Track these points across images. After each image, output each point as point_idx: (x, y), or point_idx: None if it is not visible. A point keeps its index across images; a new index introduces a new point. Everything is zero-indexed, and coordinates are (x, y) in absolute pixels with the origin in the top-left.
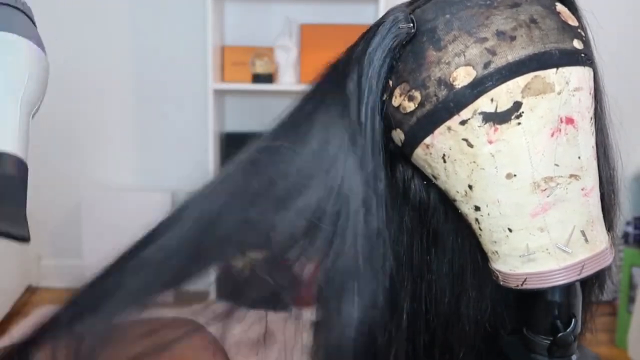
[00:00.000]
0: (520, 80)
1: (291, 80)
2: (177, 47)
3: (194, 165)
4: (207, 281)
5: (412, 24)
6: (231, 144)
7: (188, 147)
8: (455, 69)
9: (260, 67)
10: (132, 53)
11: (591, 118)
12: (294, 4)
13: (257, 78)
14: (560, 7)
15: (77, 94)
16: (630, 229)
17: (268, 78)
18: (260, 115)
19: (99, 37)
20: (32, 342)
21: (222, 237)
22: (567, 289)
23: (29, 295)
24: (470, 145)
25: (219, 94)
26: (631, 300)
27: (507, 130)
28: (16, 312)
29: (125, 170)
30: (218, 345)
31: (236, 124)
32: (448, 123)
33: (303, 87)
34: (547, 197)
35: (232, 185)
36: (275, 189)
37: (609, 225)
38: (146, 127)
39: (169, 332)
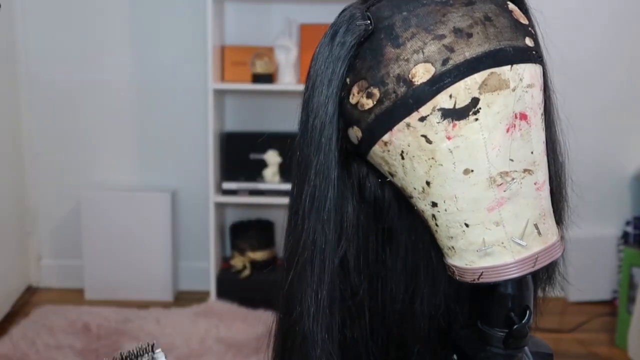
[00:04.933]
0: (478, 77)
1: (291, 80)
2: (177, 47)
3: (194, 165)
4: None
5: (369, 21)
6: (231, 143)
7: (188, 147)
8: (414, 65)
9: (260, 67)
10: (132, 53)
11: (542, 114)
12: (294, 4)
13: (257, 78)
14: (511, 5)
15: (76, 93)
16: (630, 229)
17: (268, 78)
18: (260, 115)
19: (98, 37)
20: None
21: None
22: (520, 281)
23: (29, 295)
24: (429, 142)
25: (219, 94)
26: (631, 300)
27: (465, 126)
28: (16, 312)
29: (125, 170)
30: None
31: (236, 124)
32: (407, 120)
33: (303, 87)
34: (504, 191)
35: None
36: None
37: (559, 218)
38: (146, 128)
39: None
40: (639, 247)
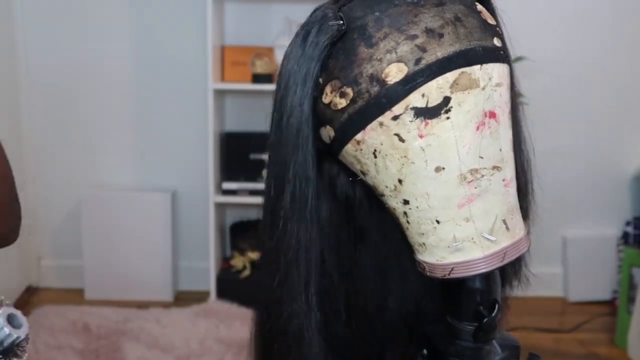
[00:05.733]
0: (449, 76)
1: None
2: (177, 47)
3: (194, 165)
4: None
5: (342, 21)
6: (231, 144)
7: (188, 147)
8: (387, 65)
9: (260, 67)
10: (132, 53)
11: (509, 112)
12: (294, 4)
13: (257, 78)
14: (479, 6)
15: (77, 93)
16: (630, 229)
17: (268, 78)
18: (260, 115)
19: (99, 37)
20: None
21: None
22: (488, 276)
23: (29, 296)
24: (402, 140)
25: (219, 94)
26: (631, 300)
27: (437, 124)
28: None
29: (125, 170)
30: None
31: (236, 124)
32: (380, 119)
33: None
34: (474, 188)
35: None
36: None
37: (525, 213)
38: (146, 127)
39: None
40: (639, 247)
